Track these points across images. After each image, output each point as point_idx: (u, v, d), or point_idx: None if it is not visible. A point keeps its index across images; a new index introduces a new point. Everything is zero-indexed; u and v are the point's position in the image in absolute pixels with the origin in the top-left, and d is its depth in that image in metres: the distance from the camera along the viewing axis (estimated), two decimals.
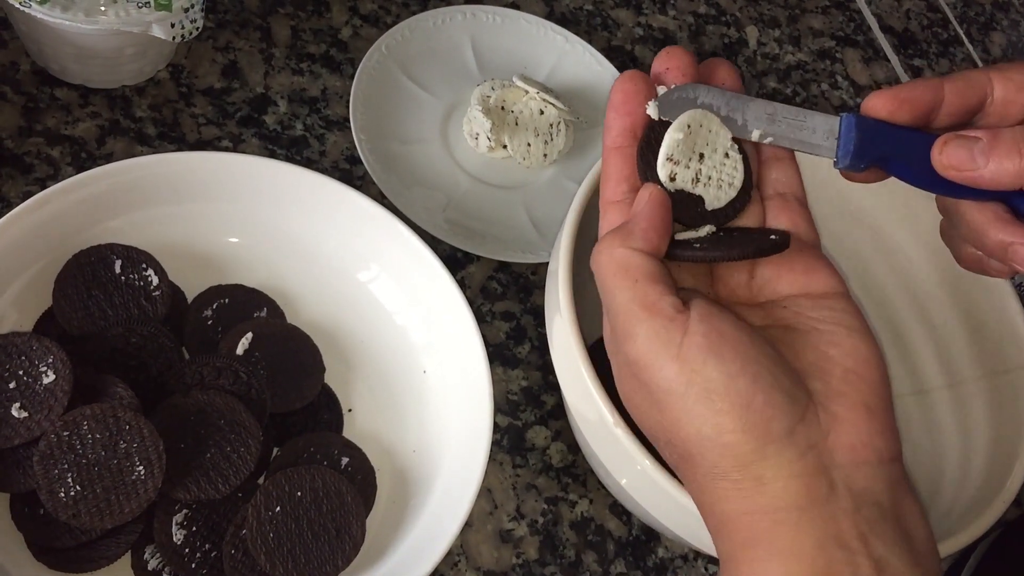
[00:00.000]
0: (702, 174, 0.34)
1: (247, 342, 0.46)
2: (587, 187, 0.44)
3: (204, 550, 0.42)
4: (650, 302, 0.31)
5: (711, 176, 0.34)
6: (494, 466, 0.50)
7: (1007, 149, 0.31)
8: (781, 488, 0.29)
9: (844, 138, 0.33)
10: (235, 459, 0.42)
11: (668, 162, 0.33)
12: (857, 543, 0.29)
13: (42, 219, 0.44)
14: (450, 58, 0.62)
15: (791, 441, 0.30)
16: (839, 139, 0.33)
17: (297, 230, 0.50)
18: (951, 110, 0.33)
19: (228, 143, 0.55)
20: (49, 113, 0.53)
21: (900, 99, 0.33)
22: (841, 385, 0.31)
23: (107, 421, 0.40)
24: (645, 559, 0.50)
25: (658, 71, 0.35)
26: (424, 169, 0.57)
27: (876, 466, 0.30)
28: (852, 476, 0.30)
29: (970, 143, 0.32)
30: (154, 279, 0.46)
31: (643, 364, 0.31)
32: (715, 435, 0.30)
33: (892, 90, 0.33)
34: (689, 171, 0.33)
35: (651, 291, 0.31)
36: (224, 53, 0.58)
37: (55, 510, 0.39)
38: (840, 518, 0.29)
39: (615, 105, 0.34)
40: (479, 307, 0.55)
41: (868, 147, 0.33)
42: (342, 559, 0.42)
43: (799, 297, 0.33)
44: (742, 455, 0.30)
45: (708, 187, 0.34)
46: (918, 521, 0.30)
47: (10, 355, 0.41)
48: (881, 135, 0.33)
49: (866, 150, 0.33)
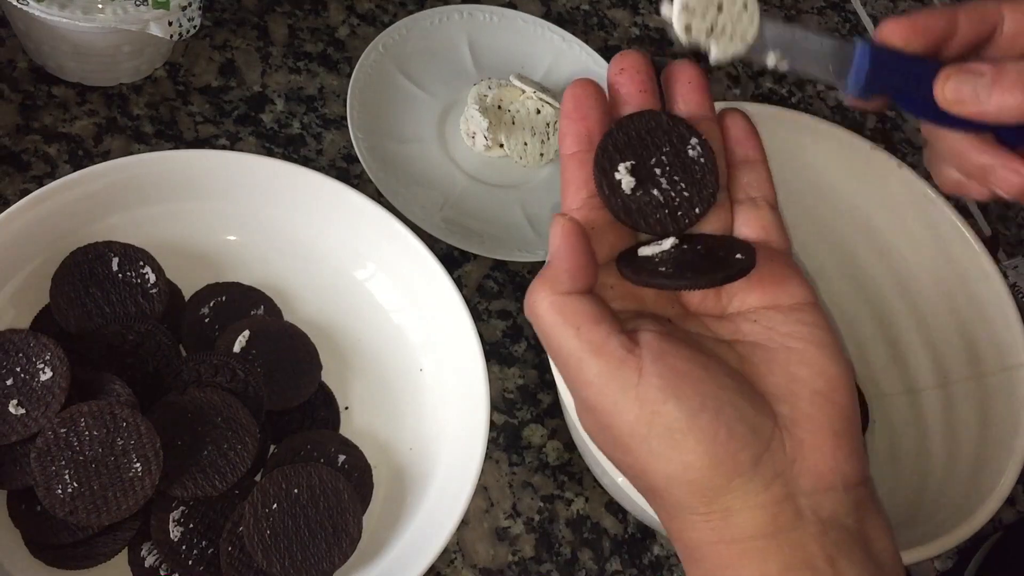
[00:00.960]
0: (717, 25, 0.32)
1: (244, 340, 0.46)
2: None
3: (201, 547, 0.42)
4: (597, 347, 0.30)
5: (725, 28, 0.32)
6: (490, 464, 0.51)
7: (1011, 83, 0.31)
8: (748, 519, 0.29)
9: (857, 66, 0.32)
10: (232, 456, 0.42)
11: (684, 11, 0.31)
12: (824, 565, 0.29)
13: (39, 216, 0.44)
14: (447, 57, 0.62)
15: (756, 472, 0.29)
16: (852, 66, 0.33)
17: (294, 228, 0.50)
18: (963, 40, 0.33)
19: (225, 141, 0.56)
20: (46, 111, 0.53)
21: (915, 27, 0.32)
22: (809, 408, 0.30)
23: (104, 418, 0.40)
24: (641, 557, 0.50)
25: (612, 75, 0.34)
26: (421, 168, 0.57)
27: (842, 491, 0.30)
28: (819, 502, 0.29)
29: (974, 78, 0.31)
30: (151, 277, 0.46)
31: (601, 409, 0.30)
32: (681, 473, 0.29)
33: (907, 18, 0.33)
34: (705, 22, 0.32)
35: (596, 334, 0.30)
36: (221, 51, 0.58)
37: (52, 507, 0.39)
38: (807, 543, 0.29)
39: (568, 112, 0.33)
40: (476, 305, 0.55)
41: (879, 77, 0.32)
42: (339, 556, 0.43)
43: (769, 309, 0.32)
44: (708, 490, 0.29)
45: (720, 40, 0.32)
46: (885, 542, 0.30)
47: (7, 352, 0.41)
48: (893, 64, 0.32)
49: (877, 80, 0.32)
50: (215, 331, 0.47)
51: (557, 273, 0.31)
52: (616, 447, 0.31)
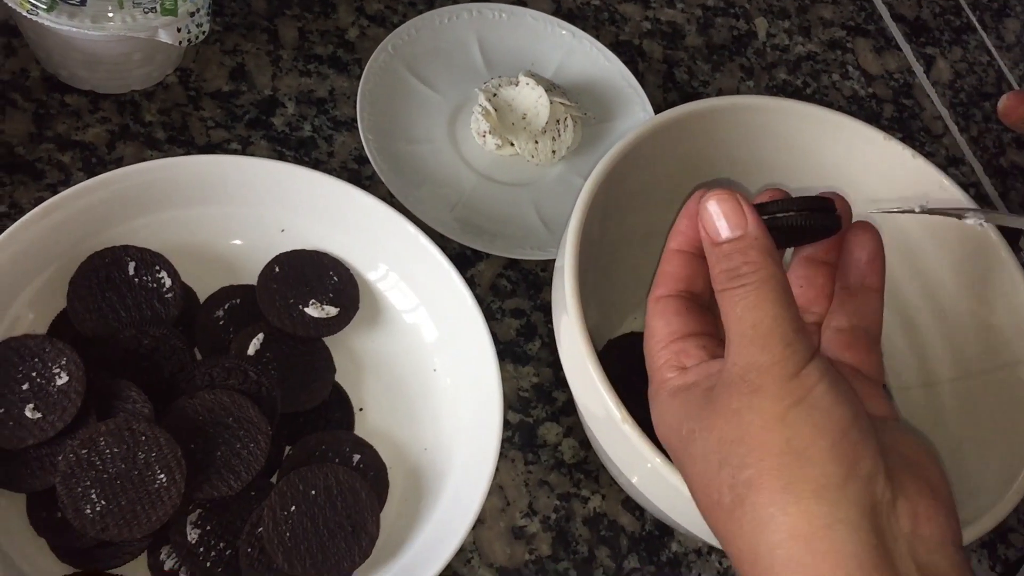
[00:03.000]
0: None
1: (258, 343, 0.47)
2: (593, 183, 0.44)
3: (219, 549, 0.42)
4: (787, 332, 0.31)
5: None
6: (506, 463, 0.51)
7: None
8: (852, 530, 0.29)
9: None
10: (245, 455, 0.42)
11: None
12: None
13: (55, 223, 0.45)
14: (457, 56, 0.62)
15: (870, 488, 0.29)
16: None
17: (306, 231, 0.50)
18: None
19: (237, 146, 0.56)
20: (59, 119, 0.53)
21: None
22: (904, 465, 0.31)
23: (123, 434, 0.41)
24: (658, 554, 0.50)
25: None
26: (432, 168, 0.57)
27: (940, 544, 0.30)
28: (915, 547, 0.29)
29: None
30: (167, 281, 0.46)
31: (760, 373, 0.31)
32: (803, 448, 0.29)
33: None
34: None
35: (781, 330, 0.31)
36: (231, 56, 0.59)
37: (83, 527, 0.39)
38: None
39: (691, 215, 0.36)
40: (489, 304, 0.55)
41: None
42: (359, 555, 0.43)
43: None
44: (826, 476, 0.29)
45: None
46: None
47: (24, 357, 0.42)
48: None
49: None
50: (229, 334, 0.47)
51: None
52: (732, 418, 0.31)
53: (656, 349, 0.36)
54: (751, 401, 0.30)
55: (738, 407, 0.31)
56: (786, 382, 0.30)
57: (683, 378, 0.35)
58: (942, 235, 0.49)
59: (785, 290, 0.31)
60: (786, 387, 0.30)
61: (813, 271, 0.37)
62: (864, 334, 0.36)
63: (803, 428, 0.29)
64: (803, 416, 0.30)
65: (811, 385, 0.30)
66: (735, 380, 0.31)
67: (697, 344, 0.35)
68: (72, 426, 0.41)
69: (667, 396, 0.35)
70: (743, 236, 0.32)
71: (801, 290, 0.37)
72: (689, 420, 0.33)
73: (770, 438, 0.30)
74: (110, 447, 0.40)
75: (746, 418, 0.30)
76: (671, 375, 0.35)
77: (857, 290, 0.36)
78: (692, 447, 0.32)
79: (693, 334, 0.36)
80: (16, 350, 0.42)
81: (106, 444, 0.40)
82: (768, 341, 0.30)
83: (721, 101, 0.49)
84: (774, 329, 0.30)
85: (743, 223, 0.32)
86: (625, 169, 0.45)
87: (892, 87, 0.73)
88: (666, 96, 0.66)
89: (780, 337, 0.30)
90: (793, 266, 0.38)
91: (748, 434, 0.30)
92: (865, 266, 0.36)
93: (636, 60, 0.67)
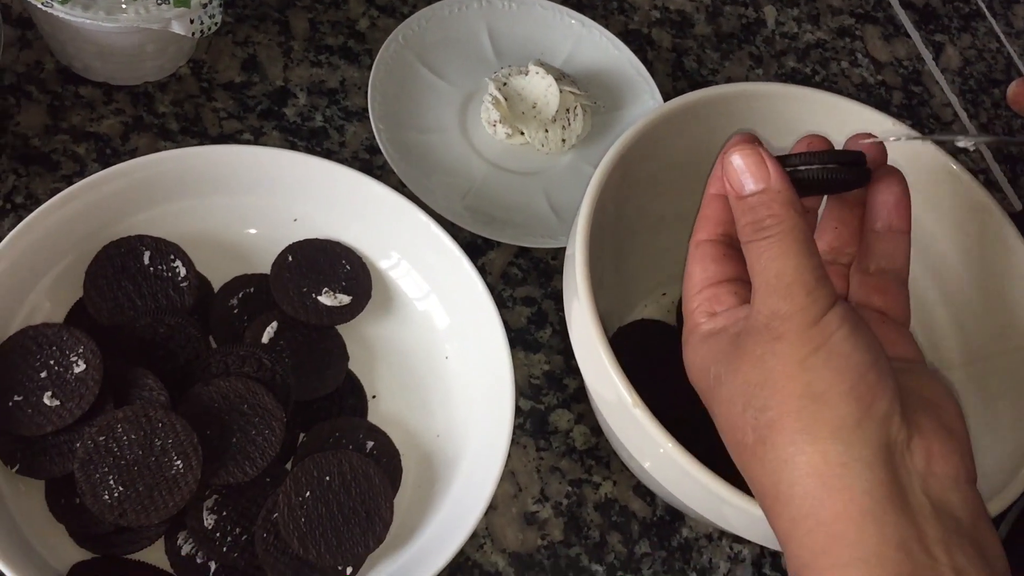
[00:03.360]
0: None
1: (272, 331, 0.47)
2: (603, 171, 0.44)
3: (235, 534, 0.43)
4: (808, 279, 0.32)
5: None
6: (517, 449, 0.51)
7: None
8: (867, 467, 0.30)
9: None
10: (260, 442, 0.43)
11: None
12: (940, 550, 0.29)
13: (71, 213, 0.45)
14: (467, 46, 0.62)
15: (884, 428, 0.30)
16: None
17: (319, 220, 0.50)
18: None
19: (249, 136, 0.56)
20: (74, 111, 0.54)
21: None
22: (921, 407, 0.32)
23: (139, 421, 0.41)
24: (670, 539, 0.51)
25: None
26: (443, 157, 0.58)
27: (954, 481, 0.30)
28: (930, 484, 0.30)
29: None
30: (182, 270, 0.47)
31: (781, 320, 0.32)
32: (822, 392, 0.30)
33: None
34: None
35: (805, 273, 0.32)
36: (243, 47, 0.59)
37: (101, 513, 0.40)
38: (922, 522, 0.29)
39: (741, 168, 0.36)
40: (500, 292, 0.55)
41: None
42: (373, 540, 0.43)
43: None
44: (841, 418, 0.30)
45: None
46: (998, 550, 0.30)
47: (42, 345, 0.42)
48: None
49: None
50: (244, 322, 0.48)
51: None
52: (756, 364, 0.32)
53: (691, 294, 0.37)
54: (774, 347, 0.32)
55: (762, 353, 0.32)
56: (807, 329, 0.31)
57: (712, 323, 0.36)
58: (953, 218, 0.49)
59: (808, 240, 0.32)
60: (807, 334, 0.31)
61: (848, 213, 0.38)
62: (892, 277, 0.37)
63: (822, 372, 0.31)
64: (822, 361, 0.31)
65: (831, 332, 0.31)
66: (760, 327, 0.32)
67: (730, 290, 0.36)
68: (90, 413, 0.42)
69: (698, 341, 0.36)
70: (766, 189, 0.33)
71: (836, 232, 0.38)
72: (717, 364, 0.34)
73: (791, 382, 0.31)
74: (127, 434, 0.41)
75: (769, 363, 0.31)
76: (702, 320, 0.36)
77: (884, 233, 0.37)
78: (719, 390, 0.34)
79: (728, 280, 0.37)
80: (34, 339, 0.43)
81: (123, 431, 0.41)
82: (791, 290, 0.31)
83: (730, 88, 0.49)
84: (796, 278, 0.32)
85: (766, 176, 0.33)
86: (635, 157, 0.46)
87: (901, 74, 0.73)
88: (675, 85, 0.66)
89: (802, 286, 0.31)
90: (827, 208, 0.39)
91: (770, 378, 0.31)
92: (892, 209, 0.37)
93: (645, 49, 0.67)
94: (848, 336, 0.31)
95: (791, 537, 0.31)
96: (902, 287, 0.37)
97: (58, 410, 0.41)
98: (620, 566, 0.49)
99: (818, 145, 0.37)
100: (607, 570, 0.49)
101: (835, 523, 0.30)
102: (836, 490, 0.30)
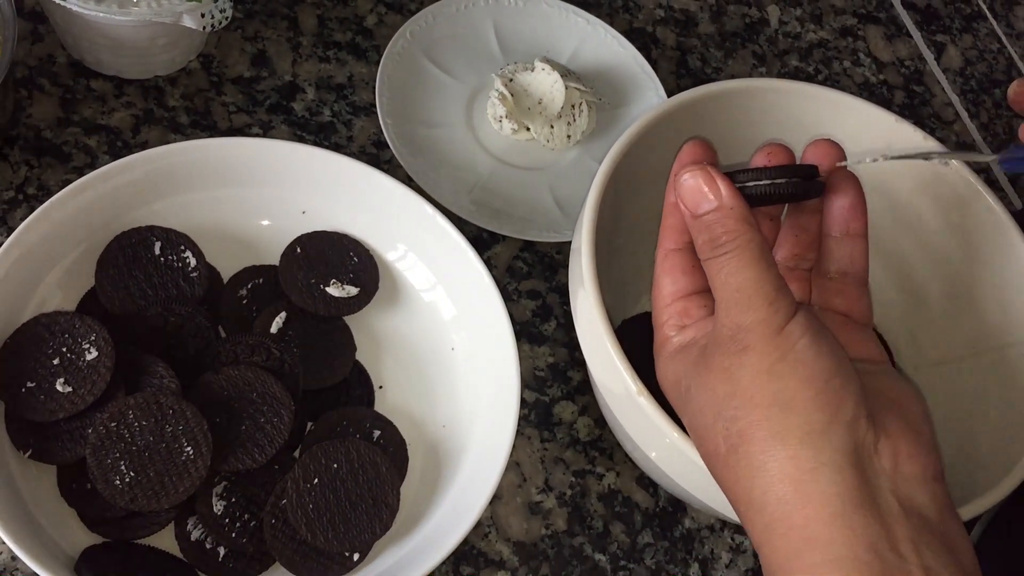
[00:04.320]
0: None
1: (281, 321, 0.48)
2: (608, 166, 0.45)
3: (243, 520, 0.43)
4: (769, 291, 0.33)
5: None
6: (522, 440, 0.52)
7: None
8: (836, 472, 0.30)
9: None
10: (269, 429, 0.43)
11: None
12: (909, 549, 0.29)
13: (82, 205, 0.46)
14: (473, 43, 0.63)
15: (851, 432, 0.31)
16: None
17: (327, 212, 0.51)
18: None
19: (258, 130, 0.57)
20: (85, 104, 0.55)
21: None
22: (887, 408, 0.32)
23: (151, 408, 0.42)
24: (672, 530, 0.51)
25: None
26: (450, 152, 0.58)
27: (921, 480, 0.31)
28: (898, 484, 0.31)
29: None
30: (192, 260, 0.48)
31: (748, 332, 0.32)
32: (789, 400, 0.31)
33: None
34: None
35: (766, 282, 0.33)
36: (253, 42, 0.60)
37: (112, 497, 0.41)
38: (891, 522, 0.30)
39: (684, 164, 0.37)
40: (505, 286, 0.56)
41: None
42: (380, 527, 0.44)
43: None
44: (809, 424, 0.31)
45: None
46: (965, 544, 0.31)
47: (54, 333, 0.43)
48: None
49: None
50: (253, 312, 0.48)
51: None
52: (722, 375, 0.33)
53: (661, 307, 0.38)
54: (741, 359, 0.32)
55: (728, 364, 0.33)
56: (771, 338, 0.32)
57: (682, 336, 0.37)
58: (954, 215, 0.50)
59: (764, 253, 0.33)
60: (772, 343, 0.32)
61: (808, 220, 0.39)
62: (852, 280, 0.38)
63: (789, 380, 0.31)
64: (788, 369, 0.31)
65: (795, 340, 0.32)
66: (725, 340, 0.33)
67: (699, 303, 0.37)
68: (102, 400, 0.42)
69: (668, 355, 0.37)
70: (719, 207, 0.34)
71: (797, 239, 0.39)
72: (687, 377, 0.35)
73: (759, 392, 0.32)
74: (138, 420, 0.42)
75: (736, 374, 0.32)
76: (672, 334, 0.37)
77: (842, 238, 0.38)
78: (691, 402, 0.35)
79: (697, 292, 0.37)
80: (47, 326, 0.43)
81: (135, 417, 0.42)
82: (752, 302, 0.32)
83: (733, 84, 0.49)
84: (757, 290, 0.32)
85: (718, 194, 0.34)
86: (639, 152, 0.46)
87: (903, 74, 0.73)
88: (679, 82, 0.66)
89: (763, 297, 0.32)
90: (788, 216, 0.40)
91: (739, 389, 0.32)
92: (848, 214, 0.37)
93: (649, 47, 0.68)
94: (811, 344, 0.32)
95: (766, 541, 0.31)
96: (863, 288, 0.38)
97: (70, 396, 0.42)
98: (623, 556, 0.50)
99: (777, 155, 0.37)
100: (610, 560, 0.50)
101: (807, 526, 0.30)
102: (807, 494, 0.30)
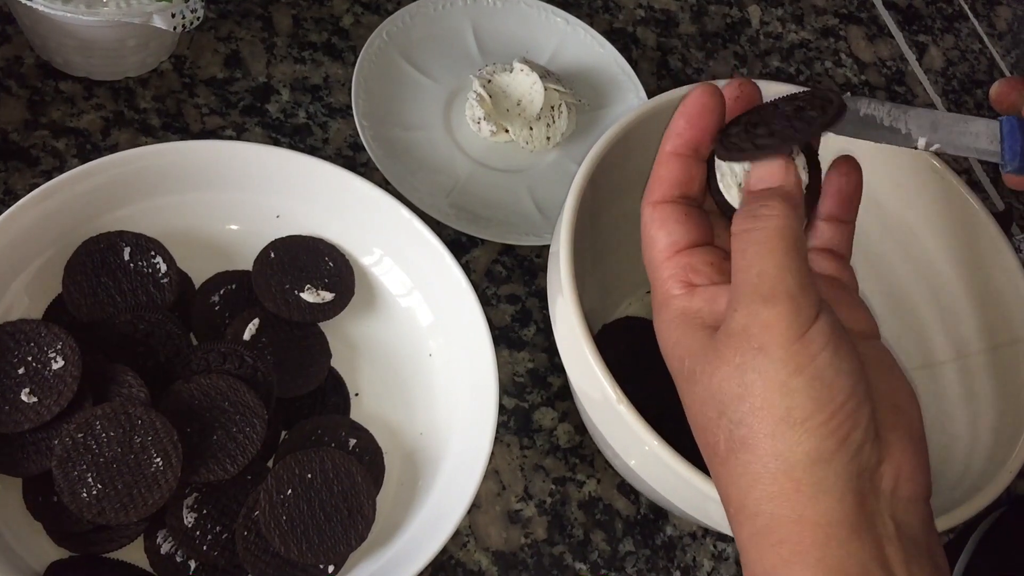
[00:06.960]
0: None
1: (254, 327, 0.47)
2: (587, 168, 0.44)
3: (215, 532, 0.42)
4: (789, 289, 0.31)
5: None
6: (501, 448, 0.51)
7: None
8: (837, 501, 0.29)
9: (1009, 140, 0.33)
10: (241, 439, 0.42)
11: None
12: (901, 571, 0.29)
13: (50, 209, 0.45)
14: (451, 43, 0.62)
15: (856, 459, 0.30)
16: (1003, 142, 0.33)
17: (302, 216, 0.50)
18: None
19: (232, 132, 0.56)
20: (54, 106, 0.53)
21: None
22: (892, 417, 0.31)
23: (119, 418, 0.41)
24: (653, 537, 0.50)
25: None
26: (427, 154, 0.57)
27: (915, 502, 0.30)
28: (895, 507, 0.30)
29: None
30: (162, 266, 0.46)
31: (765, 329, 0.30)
32: (800, 420, 0.29)
33: None
34: None
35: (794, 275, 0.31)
36: (226, 43, 0.59)
37: (79, 510, 0.40)
38: (886, 543, 0.29)
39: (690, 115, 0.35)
40: (484, 290, 0.55)
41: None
42: (355, 538, 0.43)
43: None
44: (817, 450, 0.29)
45: None
46: (945, 563, 0.31)
47: (19, 341, 0.42)
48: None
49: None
50: (225, 319, 0.47)
51: None
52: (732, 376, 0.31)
53: (659, 261, 0.35)
54: (755, 361, 0.30)
55: (740, 362, 0.30)
56: (789, 344, 0.30)
57: (689, 300, 0.34)
58: (938, 218, 0.50)
59: (797, 244, 0.31)
60: (790, 350, 0.30)
61: None
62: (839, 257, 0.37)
63: (803, 400, 0.29)
64: (804, 385, 0.29)
65: (815, 352, 0.30)
66: (738, 331, 0.31)
67: (704, 260, 0.34)
68: (68, 410, 0.41)
69: (672, 316, 0.34)
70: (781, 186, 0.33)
71: None
72: (691, 358, 0.32)
73: (770, 405, 0.30)
74: (106, 431, 0.41)
75: (748, 377, 0.30)
76: (678, 291, 0.34)
77: (831, 220, 0.37)
78: (695, 387, 0.32)
79: (698, 244, 0.35)
80: (12, 335, 0.42)
81: (102, 428, 0.41)
82: (774, 293, 0.30)
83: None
84: (780, 281, 0.30)
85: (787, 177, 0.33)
86: (619, 154, 0.45)
87: (885, 74, 0.73)
88: (660, 83, 0.66)
89: (785, 291, 0.30)
90: None
91: (750, 394, 0.30)
92: (846, 199, 0.37)
93: (630, 47, 0.67)
94: (831, 361, 0.30)
95: (753, 547, 0.31)
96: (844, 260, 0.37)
97: (36, 407, 0.41)
98: (604, 564, 0.49)
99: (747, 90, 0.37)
100: (591, 568, 0.49)
101: (800, 543, 0.29)
102: (804, 518, 0.29)
